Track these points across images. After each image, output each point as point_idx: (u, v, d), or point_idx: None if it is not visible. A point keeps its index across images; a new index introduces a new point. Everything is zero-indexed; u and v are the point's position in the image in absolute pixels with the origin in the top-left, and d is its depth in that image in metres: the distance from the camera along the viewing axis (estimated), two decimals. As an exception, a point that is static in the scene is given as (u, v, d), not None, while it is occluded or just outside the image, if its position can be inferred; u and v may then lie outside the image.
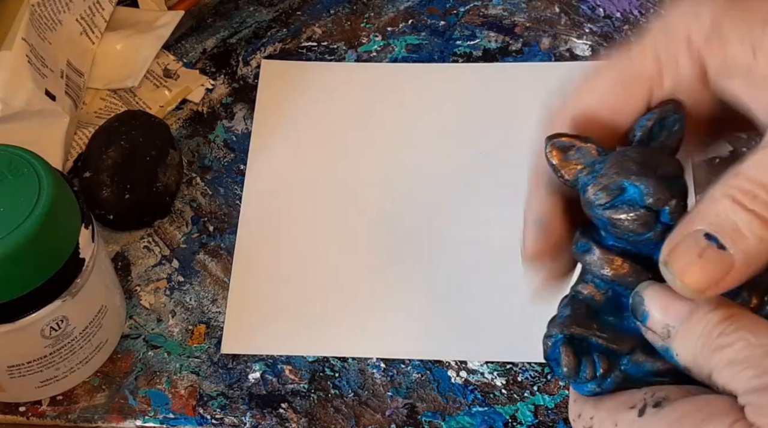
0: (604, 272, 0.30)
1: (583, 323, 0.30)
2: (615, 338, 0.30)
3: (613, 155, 0.30)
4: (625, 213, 0.29)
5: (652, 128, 0.31)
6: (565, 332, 0.30)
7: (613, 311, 0.31)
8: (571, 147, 0.31)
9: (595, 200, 0.30)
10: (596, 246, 0.31)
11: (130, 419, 0.54)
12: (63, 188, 0.48)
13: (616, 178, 0.29)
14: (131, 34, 0.67)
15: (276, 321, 0.57)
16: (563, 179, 0.31)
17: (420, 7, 0.71)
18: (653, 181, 0.29)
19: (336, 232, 0.61)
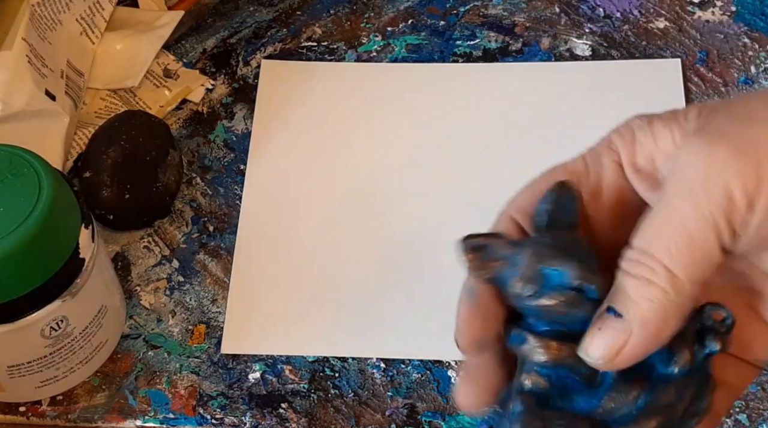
0: (543, 359, 0.31)
1: (540, 414, 0.31)
2: (575, 422, 0.31)
3: (527, 244, 0.31)
4: (554, 299, 0.30)
5: (551, 210, 0.32)
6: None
7: (561, 396, 0.31)
8: (484, 246, 0.31)
9: (523, 292, 0.30)
10: (530, 335, 0.31)
11: (130, 419, 0.54)
12: (63, 188, 0.48)
13: (537, 267, 0.30)
14: (131, 34, 0.67)
15: (276, 321, 0.57)
16: (483, 277, 0.31)
17: (420, 7, 0.70)
18: (574, 263, 0.30)
19: (336, 232, 0.61)
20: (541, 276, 0.30)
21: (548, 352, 0.31)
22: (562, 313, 0.30)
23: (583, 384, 0.31)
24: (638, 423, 0.31)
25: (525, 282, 0.30)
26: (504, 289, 0.31)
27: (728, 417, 0.54)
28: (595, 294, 0.30)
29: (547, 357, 0.31)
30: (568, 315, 0.30)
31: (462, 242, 0.31)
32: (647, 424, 0.31)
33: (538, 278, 0.30)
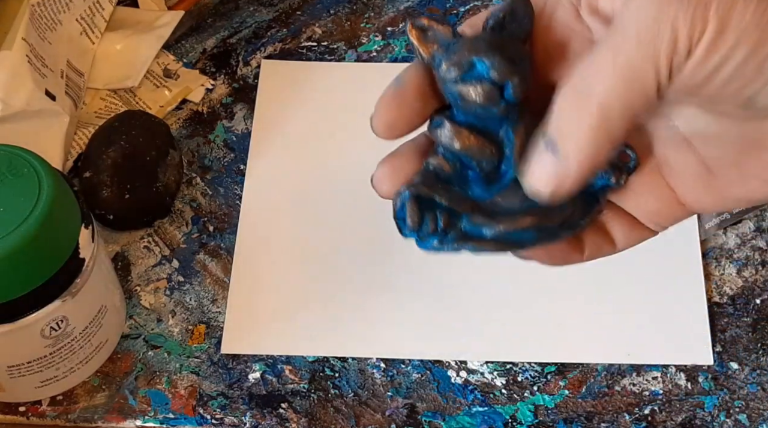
0: (453, 144, 0.33)
1: (430, 184, 0.33)
2: (458, 201, 0.33)
3: (468, 36, 0.33)
4: (472, 86, 0.32)
5: (503, 17, 0.33)
6: (413, 190, 0.33)
7: (459, 182, 0.34)
8: (429, 28, 0.33)
9: (447, 75, 0.32)
10: (448, 121, 0.33)
11: (130, 419, 0.54)
12: (63, 188, 0.48)
13: (466, 55, 0.32)
14: (131, 34, 0.67)
15: (276, 321, 0.57)
16: (421, 56, 0.33)
17: (420, 7, 0.71)
18: (499, 58, 0.32)
19: (336, 232, 0.61)
20: (468, 64, 0.32)
21: (458, 138, 0.33)
22: (478, 103, 0.32)
23: (482, 178, 0.34)
24: (515, 218, 0.33)
25: (452, 65, 0.32)
26: (436, 70, 0.33)
27: (728, 417, 0.54)
28: (511, 94, 0.32)
29: (455, 142, 0.33)
30: (483, 108, 0.33)
31: (411, 20, 0.34)
32: (523, 220, 0.33)
33: (464, 65, 0.32)
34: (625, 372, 0.55)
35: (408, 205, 0.33)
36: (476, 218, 0.33)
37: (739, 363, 0.55)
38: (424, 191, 0.33)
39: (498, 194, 0.34)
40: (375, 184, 0.35)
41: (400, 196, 0.34)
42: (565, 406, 0.54)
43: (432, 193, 0.33)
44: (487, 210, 0.34)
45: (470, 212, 0.33)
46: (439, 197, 0.33)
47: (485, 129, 0.33)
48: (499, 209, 0.34)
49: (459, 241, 0.33)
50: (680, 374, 0.55)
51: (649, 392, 0.55)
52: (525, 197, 0.33)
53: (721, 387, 0.55)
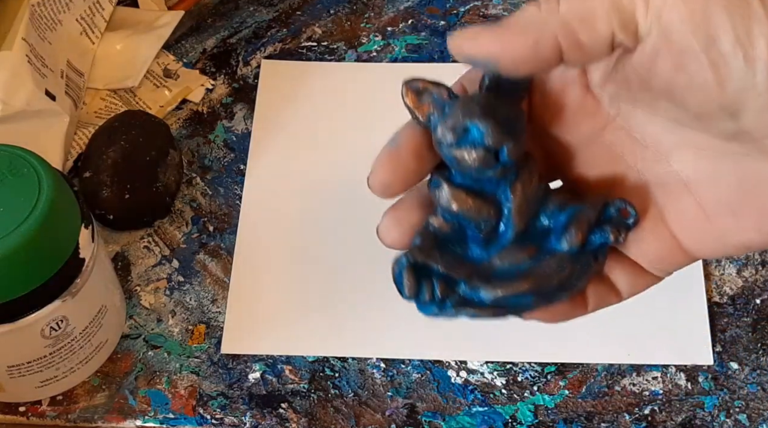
0: (450, 206, 0.34)
1: (426, 252, 0.34)
2: (454, 265, 0.34)
3: (463, 98, 0.33)
4: (467, 152, 0.32)
5: (499, 76, 0.33)
6: (410, 258, 0.34)
7: (458, 242, 0.34)
8: (424, 91, 0.33)
9: (443, 140, 0.33)
10: (445, 183, 0.34)
11: (130, 419, 0.54)
12: (63, 188, 0.48)
13: (461, 119, 0.32)
14: (131, 34, 0.67)
15: (276, 321, 0.57)
16: (417, 120, 0.33)
17: (420, 7, 0.71)
18: (492, 123, 0.32)
19: (336, 232, 0.61)
20: (463, 129, 0.32)
21: (455, 200, 0.33)
22: (473, 168, 0.33)
23: (481, 238, 0.34)
24: (513, 282, 0.33)
25: (447, 130, 0.32)
26: (433, 133, 0.33)
27: (728, 417, 0.54)
28: (505, 157, 0.32)
29: (452, 204, 0.33)
30: (479, 172, 0.33)
31: (405, 82, 0.34)
32: (520, 285, 0.33)
33: (459, 130, 0.32)
34: (625, 372, 0.55)
35: (405, 273, 0.34)
36: (474, 283, 0.33)
37: (739, 363, 0.55)
38: (420, 257, 0.33)
39: (497, 254, 0.34)
40: (380, 235, 0.35)
41: (398, 263, 0.34)
42: (565, 406, 0.54)
43: (428, 260, 0.33)
44: (484, 274, 0.34)
45: (467, 277, 0.33)
46: (435, 264, 0.33)
47: (483, 190, 0.34)
48: (497, 272, 0.34)
49: (457, 307, 0.33)
50: (680, 374, 0.55)
51: (649, 392, 0.55)
52: (523, 258, 0.34)
53: (721, 387, 0.55)
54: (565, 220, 0.34)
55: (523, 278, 0.33)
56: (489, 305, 0.34)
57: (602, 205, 0.34)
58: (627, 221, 0.34)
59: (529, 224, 0.34)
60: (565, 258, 0.34)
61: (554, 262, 0.34)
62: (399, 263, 0.34)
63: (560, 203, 0.34)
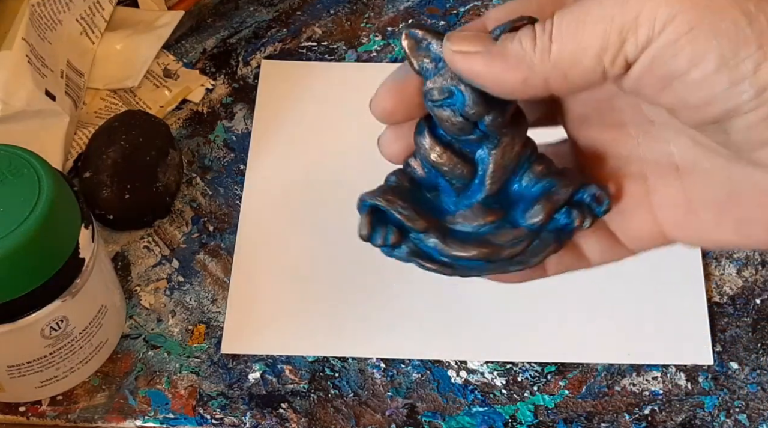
0: (428, 157, 0.34)
1: (391, 197, 0.34)
2: (415, 216, 0.34)
3: None
4: (448, 115, 0.32)
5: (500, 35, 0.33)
6: (372, 201, 0.34)
7: (432, 189, 0.35)
8: (423, 40, 0.33)
9: (428, 95, 0.33)
10: (428, 132, 0.34)
11: (130, 419, 0.54)
12: (63, 188, 0.48)
13: (449, 81, 0.32)
14: (131, 34, 0.67)
15: (276, 321, 0.57)
16: (411, 66, 0.33)
17: (420, 7, 0.71)
18: (477, 94, 0.32)
19: (336, 232, 0.61)
20: (448, 91, 0.32)
21: (431, 153, 0.34)
22: (451, 131, 0.33)
23: (452, 192, 0.34)
24: (464, 245, 0.34)
25: (434, 88, 0.32)
26: (423, 84, 0.33)
27: (728, 417, 0.54)
28: (484, 128, 0.32)
29: (430, 155, 0.34)
30: (457, 135, 0.33)
31: (407, 27, 0.34)
32: (471, 249, 0.34)
33: (445, 90, 0.32)
34: (625, 372, 0.55)
35: (362, 216, 0.34)
36: (429, 239, 0.34)
37: (739, 363, 0.55)
38: (382, 203, 0.34)
39: (462, 211, 0.34)
40: (380, 146, 0.36)
41: (361, 203, 0.34)
42: (565, 406, 0.54)
43: (390, 207, 0.34)
44: (443, 230, 0.34)
45: (424, 231, 0.34)
46: (395, 213, 0.34)
47: (462, 148, 0.34)
48: (456, 230, 0.34)
49: (409, 255, 0.34)
50: (680, 374, 0.55)
51: (649, 392, 0.55)
52: (485, 222, 0.34)
53: (721, 387, 0.55)
54: (537, 193, 0.34)
55: (477, 243, 0.34)
56: (439, 261, 0.34)
57: (578, 186, 0.34)
58: (598, 208, 0.34)
59: (502, 187, 0.34)
60: (523, 233, 0.34)
61: (512, 234, 0.34)
62: (362, 203, 0.34)
63: (539, 174, 0.34)
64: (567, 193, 0.34)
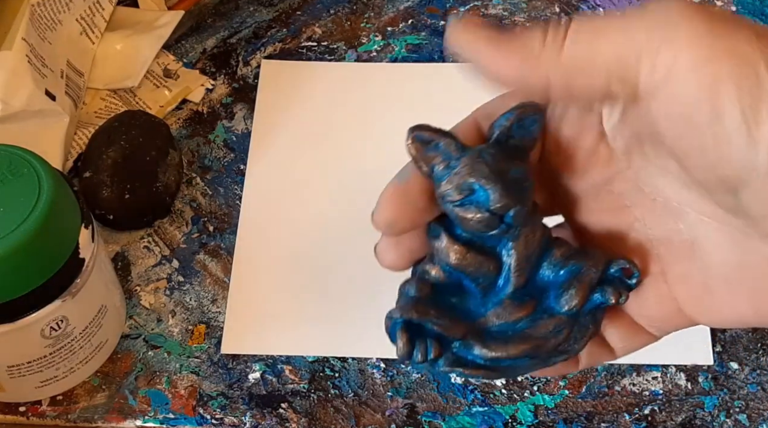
0: (449, 260, 0.32)
1: (422, 308, 0.33)
2: (450, 325, 0.32)
3: (469, 153, 0.32)
4: (472, 213, 0.31)
5: (510, 127, 0.32)
6: (405, 316, 0.33)
7: (457, 293, 0.33)
8: (431, 141, 0.32)
9: (446, 197, 0.31)
10: (445, 234, 0.32)
11: (130, 419, 0.54)
12: (63, 188, 0.48)
13: (468, 178, 0.31)
14: (131, 34, 0.67)
15: (276, 321, 0.57)
16: (421, 170, 0.32)
17: (420, 7, 0.71)
18: (500, 187, 0.31)
19: (336, 232, 0.61)
20: (468, 188, 0.31)
21: (453, 255, 0.32)
22: (476, 229, 0.32)
23: (478, 291, 0.33)
24: (507, 344, 0.32)
25: (452, 188, 0.31)
26: (436, 187, 0.32)
27: (728, 417, 0.54)
28: (511, 220, 0.31)
29: (450, 258, 0.32)
30: (482, 232, 0.32)
31: (411, 130, 0.33)
32: (514, 347, 0.32)
33: (464, 189, 0.31)
34: (625, 372, 0.55)
35: (398, 334, 0.33)
36: (469, 345, 0.33)
37: (739, 362, 0.55)
38: (416, 317, 0.32)
39: (493, 309, 0.33)
40: (378, 256, 0.34)
41: (392, 321, 0.33)
42: (565, 406, 0.54)
43: (424, 320, 0.32)
44: (480, 333, 0.33)
45: (462, 337, 0.33)
46: (431, 325, 0.32)
47: (483, 243, 0.33)
48: (492, 330, 0.33)
49: (450, 366, 0.33)
50: (680, 374, 0.55)
51: (649, 392, 0.55)
52: (520, 317, 0.33)
53: (721, 387, 0.55)
54: (566, 278, 0.33)
55: (519, 340, 0.33)
56: (482, 365, 0.33)
57: (605, 264, 0.33)
58: (629, 281, 0.33)
59: (528, 278, 0.33)
60: (563, 320, 0.33)
61: (552, 324, 0.33)
62: (393, 321, 0.33)
63: (562, 257, 0.33)
64: (598, 272, 0.33)
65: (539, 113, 0.32)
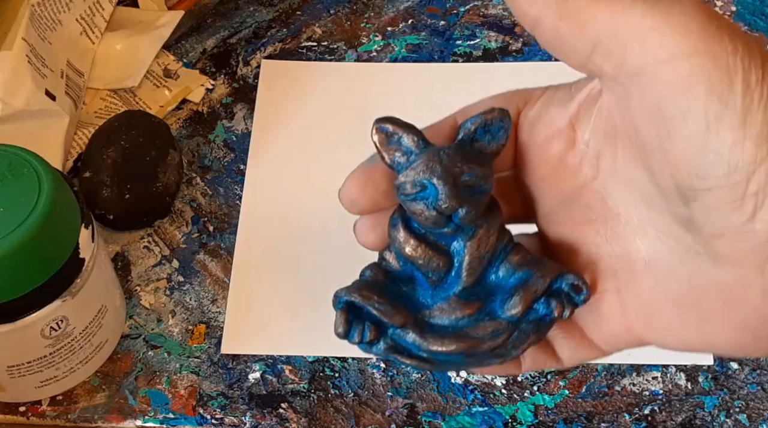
0: (402, 251, 0.33)
1: (366, 292, 0.33)
2: (392, 312, 0.33)
3: (429, 150, 0.32)
4: (421, 209, 0.32)
5: (474, 131, 0.33)
6: (348, 297, 0.34)
7: (408, 282, 0.34)
8: (394, 134, 0.33)
9: (401, 189, 0.32)
10: (402, 225, 0.33)
11: (130, 419, 0.54)
12: (63, 188, 0.48)
13: (421, 175, 0.32)
14: (131, 34, 0.67)
15: (276, 321, 0.57)
16: (383, 160, 0.33)
17: (420, 7, 0.71)
18: (449, 187, 0.31)
19: (336, 231, 0.60)
20: (421, 184, 0.32)
21: (406, 247, 0.33)
22: (425, 224, 0.32)
23: (428, 285, 0.34)
24: (444, 339, 0.33)
25: (406, 182, 0.32)
26: (395, 178, 0.33)
27: (728, 417, 0.54)
28: (458, 221, 0.32)
29: (404, 249, 0.33)
30: (431, 228, 0.33)
31: (377, 121, 0.34)
32: (450, 344, 0.33)
33: (417, 184, 0.32)
34: (625, 372, 0.55)
35: (338, 314, 0.34)
36: (407, 334, 0.33)
37: (739, 362, 0.55)
38: (358, 299, 0.33)
39: (439, 304, 0.34)
40: (357, 235, 0.36)
41: (337, 299, 0.34)
42: (565, 406, 0.54)
43: (366, 303, 0.33)
44: (420, 325, 0.33)
45: (402, 326, 0.33)
46: (372, 309, 0.33)
47: (437, 240, 0.33)
48: (434, 324, 0.33)
49: (387, 351, 0.33)
50: (680, 374, 0.55)
51: (649, 392, 0.55)
52: (463, 315, 0.33)
53: (721, 387, 0.55)
54: (514, 284, 0.33)
55: (456, 337, 0.33)
56: (417, 356, 0.33)
57: (555, 275, 0.33)
58: (577, 297, 0.33)
59: (479, 278, 0.33)
60: (503, 325, 0.33)
61: (491, 327, 0.33)
62: (338, 300, 0.34)
63: (516, 264, 0.33)
64: (545, 283, 0.33)
65: (506, 118, 0.33)
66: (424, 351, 0.33)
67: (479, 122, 0.33)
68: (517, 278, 0.33)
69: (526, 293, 0.33)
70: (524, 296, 0.33)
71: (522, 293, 0.33)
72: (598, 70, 0.30)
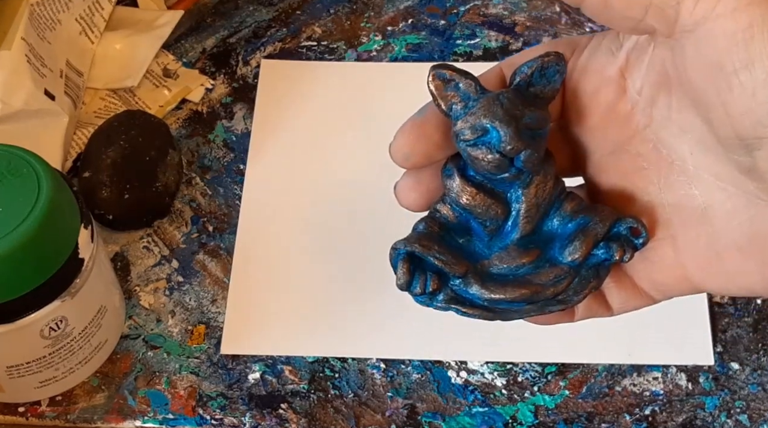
0: (459, 199, 0.33)
1: (427, 243, 0.33)
2: (453, 261, 0.33)
3: (487, 95, 0.32)
4: (483, 154, 0.32)
5: (531, 75, 0.33)
6: (408, 248, 0.33)
7: (464, 233, 0.34)
8: (451, 80, 0.33)
9: (460, 135, 0.32)
10: (458, 174, 0.33)
11: (130, 419, 0.54)
12: (62, 188, 0.48)
13: (482, 119, 0.32)
14: (131, 34, 0.67)
15: (276, 321, 0.57)
16: (439, 107, 0.33)
17: (420, 7, 0.70)
18: (512, 130, 0.31)
19: (336, 232, 0.60)
20: (482, 128, 0.32)
21: (464, 194, 0.33)
22: (487, 169, 0.32)
23: (485, 234, 0.34)
24: (506, 287, 0.33)
25: (466, 127, 0.32)
26: (452, 125, 0.33)
27: (729, 417, 0.54)
28: (520, 164, 0.32)
29: (461, 197, 0.33)
30: (491, 173, 0.32)
31: (434, 68, 0.33)
32: (514, 291, 0.33)
33: (478, 129, 0.32)
34: (625, 373, 0.55)
35: (399, 264, 0.33)
36: (468, 283, 0.33)
37: (740, 363, 0.55)
38: (419, 250, 0.33)
39: (499, 252, 0.33)
40: (397, 195, 0.35)
41: (395, 251, 0.33)
42: (565, 406, 0.54)
43: (427, 253, 0.33)
44: (481, 274, 0.33)
45: (463, 275, 0.33)
46: (433, 259, 0.33)
47: (494, 187, 0.33)
48: (494, 273, 0.33)
49: (448, 302, 0.33)
50: (681, 374, 0.55)
51: (649, 392, 0.55)
52: (523, 263, 0.33)
53: (722, 387, 0.55)
54: (572, 230, 0.33)
55: (519, 284, 0.33)
56: (479, 305, 0.33)
57: (613, 220, 0.33)
58: (636, 240, 0.33)
59: (536, 226, 0.33)
60: (564, 270, 0.33)
61: (553, 273, 0.33)
62: (397, 252, 0.33)
63: (571, 211, 0.33)
64: (605, 227, 0.33)
65: (561, 63, 0.33)
66: (486, 300, 0.33)
67: (536, 65, 0.32)
68: (575, 224, 0.33)
69: (586, 238, 0.33)
70: (585, 240, 0.33)
71: (582, 238, 0.33)
72: (650, 30, 0.29)
